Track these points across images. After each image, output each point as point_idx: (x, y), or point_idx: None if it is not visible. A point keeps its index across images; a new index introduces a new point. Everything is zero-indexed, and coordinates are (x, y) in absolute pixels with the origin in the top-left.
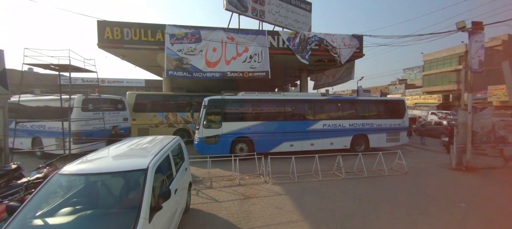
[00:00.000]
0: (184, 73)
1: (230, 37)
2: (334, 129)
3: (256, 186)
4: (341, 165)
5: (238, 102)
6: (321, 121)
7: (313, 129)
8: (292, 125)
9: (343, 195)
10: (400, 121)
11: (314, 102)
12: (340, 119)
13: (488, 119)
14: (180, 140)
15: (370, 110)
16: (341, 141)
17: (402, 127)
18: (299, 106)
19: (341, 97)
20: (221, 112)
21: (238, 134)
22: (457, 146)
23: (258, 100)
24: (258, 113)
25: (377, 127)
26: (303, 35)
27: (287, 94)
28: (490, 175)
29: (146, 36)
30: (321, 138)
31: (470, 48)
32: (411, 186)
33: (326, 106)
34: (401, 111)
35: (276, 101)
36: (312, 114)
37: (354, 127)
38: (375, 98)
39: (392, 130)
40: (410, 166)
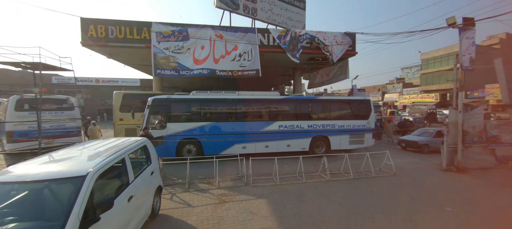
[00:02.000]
0: (171, 72)
1: (218, 35)
2: (291, 130)
3: (236, 189)
4: (326, 166)
5: (185, 102)
6: (277, 122)
7: (268, 130)
8: (245, 125)
9: (324, 199)
10: (364, 122)
11: (270, 102)
12: (298, 120)
13: (479, 118)
14: (146, 142)
15: (332, 111)
16: (299, 143)
17: (366, 129)
18: (253, 106)
19: (300, 97)
20: (167, 112)
21: (185, 135)
22: (448, 146)
23: (208, 99)
24: (208, 113)
25: (339, 128)
26: (294, 33)
27: (242, 93)
28: (481, 176)
29: (132, 34)
30: (277, 139)
31: (460, 45)
32: (397, 188)
33: (283, 106)
34: (366, 111)
35: (227, 101)
36: (267, 114)
37: (314, 128)
38: (338, 98)
39: (356, 131)
40: (399, 166)
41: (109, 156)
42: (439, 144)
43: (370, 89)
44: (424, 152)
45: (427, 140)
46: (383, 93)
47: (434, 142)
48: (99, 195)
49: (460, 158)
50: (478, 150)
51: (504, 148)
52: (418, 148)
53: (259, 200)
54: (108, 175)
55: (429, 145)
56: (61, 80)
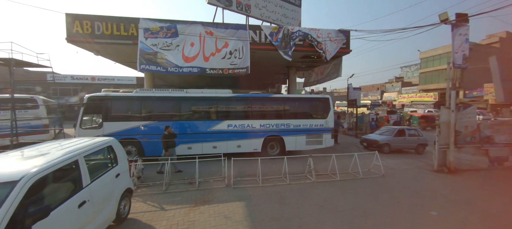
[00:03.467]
0: (158, 68)
1: (208, 31)
2: (241, 130)
3: (216, 191)
4: (311, 167)
5: (125, 100)
6: (226, 121)
7: (216, 130)
8: (190, 125)
9: (306, 202)
10: (322, 121)
11: (218, 101)
12: (249, 119)
13: (472, 117)
14: (112, 143)
15: (287, 110)
16: (250, 143)
17: (325, 128)
18: (199, 105)
19: (252, 95)
20: (104, 111)
21: (123, 135)
22: (439, 147)
23: (150, 98)
24: (150, 112)
25: (295, 128)
26: (287, 30)
27: (190, 91)
28: (473, 177)
29: (119, 30)
30: (226, 139)
31: (453, 41)
32: (383, 190)
33: (233, 104)
34: (325, 110)
35: (172, 99)
36: (215, 113)
37: (267, 128)
38: (294, 96)
39: (313, 131)
40: (390, 167)
41: (57, 158)
42: (401, 143)
43: (369, 88)
44: (384, 152)
45: (388, 139)
46: (382, 92)
47: (395, 141)
48: (39, 201)
49: (452, 159)
50: (471, 151)
51: (498, 148)
52: (378, 148)
53: (237, 203)
54: (54, 179)
55: (389, 145)
56: (57, 78)
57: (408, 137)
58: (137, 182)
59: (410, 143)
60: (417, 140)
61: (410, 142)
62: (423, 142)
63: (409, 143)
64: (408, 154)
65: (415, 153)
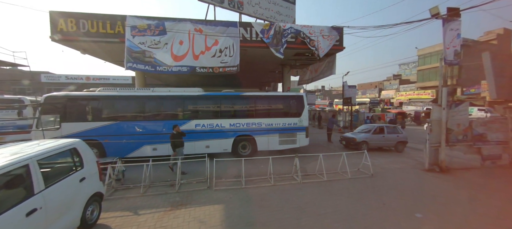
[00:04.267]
0: (146, 66)
1: (198, 29)
2: (210, 130)
3: (197, 193)
4: (297, 167)
5: (84, 100)
6: (194, 121)
7: (183, 130)
8: (155, 125)
9: (287, 204)
10: (296, 120)
11: (186, 99)
12: (218, 118)
13: (464, 115)
14: (77, 145)
15: (259, 108)
16: (220, 143)
17: (299, 127)
18: (165, 104)
19: (221, 93)
20: (62, 111)
21: (83, 136)
22: (430, 145)
23: (112, 97)
24: (112, 112)
25: (267, 127)
26: (278, 27)
27: (156, 90)
28: (464, 176)
29: (105, 28)
30: (194, 140)
31: (444, 37)
32: (370, 191)
33: (200, 103)
34: (298, 109)
35: (136, 98)
36: (181, 113)
37: (237, 128)
38: (266, 94)
39: (287, 130)
40: (380, 166)
41: (2, 163)
42: (380, 141)
43: (367, 86)
44: (362, 150)
45: (365, 137)
46: (379, 90)
47: (373, 139)
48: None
49: (443, 158)
50: (463, 149)
51: (491, 146)
52: (356, 146)
53: (215, 206)
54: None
55: (368, 143)
56: (50, 78)
57: (387, 135)
58: (115, 185)
59: (389, 141)
60: (397, 138)
61: (389, 139)
62: (403, 140)
63: (388, 141)
64: (402, 152)
65: (394, 151)
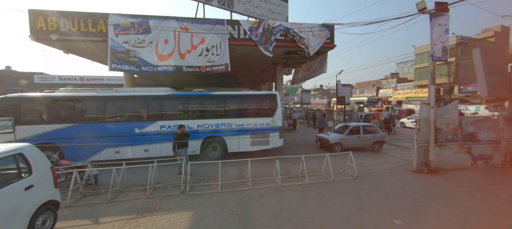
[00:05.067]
0: (131, 67)
1: (183, 27)
2: (177, 131)
3: (168, 198)
4: (277, 170)
5: (40, 101)
6: (159, 122)
7: (148, 132)
8: (117, 127)
9: (261, 210)
10: (269, 120)
11: (151, 100)
12: (185, 119)
13: (454, 113)
14: (24, 149)
15: (229, 108)
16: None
17: (272, 127)
18: (128, 105)
19: (188, 93)
20: (16, 114)
21: (40, 140)
22: (419, 145)
23: (71, 98)
24: (71, 114)
25: (238, 127)
26: (267, 25)
27: (120, 90)
28: (454, 178)
29: (86, 26)
30: (159, 142)
31: (431, 32)
32: (351, 195)
33: (167, 104)
34: (271, 108)
35: (97, 99)
36: (146, 113)
37: (206, 129)
38: (236, 93)
39: (259, 131)
40: (367, 167)
41: None
42: (355, 141)
43: (364, 85)
44: (336, 151)
45: (339, 138)
46: (377, 89)
47: (348, 140)
48: None
49: (431, 158)
50: (453, 149)
51: (481, 146)
52: (329, 147)
53: (183, 213)
54: None
55: (341, 144)
56: (44, 79)
57: (363, 135)
58: (84, 190)
59: (364, 141)
60: (373, 138)
61: (365, 139)
62: (380, 139)
63: (364, 141)
64: (393, 152)
65: (371, 151)
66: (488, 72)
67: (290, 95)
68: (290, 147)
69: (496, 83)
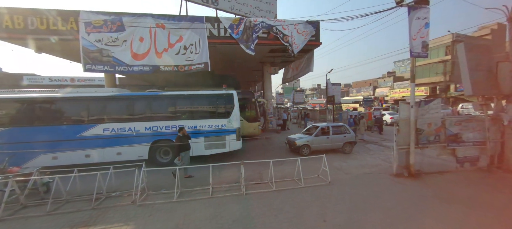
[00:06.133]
0: (105, 67)
1: (160, 24)
2: (122, 135)
3: (115, 209)
4: (242, 176)
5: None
6: (101, 125)
7: (89, 136)
8: (54, 130)
9: (210, 224)
10: (224, 121)
11: (92, 101)
12: (131, 121)
13: (436, 113)
14: None
15: (180, 109)
16: (134, 149)
17: (228, 129)
18: (68, 107)
19: (135, 94)
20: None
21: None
22: (398, 147)
23: (1, 100)
24: (2, 117)
25: (190, 130)
26: (249, 22)
27: (61, 91)
28: (435, 182)
29: (56, 24)
30: (102, 146)
31: (410, 26)
32: (318, 204)
33: (110, 105)
34: (228, 109)
35: (30, 101)
36: (87, 116)
37: (154, 131)
38: (188, 93)
39: (214, 133)
40: (346, 171)
41: None
42: (324, 143)
43: (361, 84)
44: (303, 155)
45: (307, 140)
46: (374, 88)
47: (316, 142)
48: None
49: (412, 162)
50: (436, 151)
51: (466, 148)
52: (296, 150)
53: (123, 227)
54: None
55: (310, 146)
56: (33, 81)
57: (332, 136)
58: (24, 201)
59: (334, 142)
60: (344, 138)
61: (335, 141)
62: (351, 140)
63: (334, 142)
64: (380, 153)
65: (341, 153)
66: (473, 68)
67: (288, 95)
68: (273, 149)
69: (481, 81)
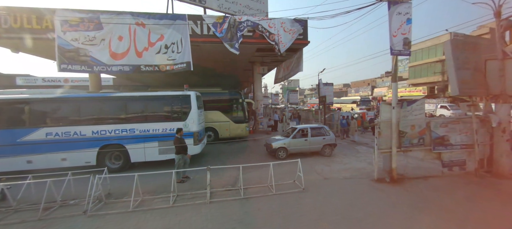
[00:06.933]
0: (82, 67)
1: (140, 22)
2: (66, 139)
3: (64, 220)
4: (207, 183)
5: None
6: (44, 128)
7: (31, 140)
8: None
9: None
10: (180, 124)
11: (33, 103)
12: (77, 125)
13: (419, 114)
14: None
15: (131, 111)
16: (80, 155)
17: (184, 133)
18: (5, 109)
19: (81, 95)
20: None
21: None
22: (379, 151)
23: None
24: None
25: (142, 134)
26: (233, 20)
27: (3, 92)
28: (416, 188)
29: (30, 23)
30: (45, 151)
31: (390, 22)
32: (284, 215)
33: (55, 108)
34: (184, 111)
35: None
36: (28, 119)
37: (103, 136)
38: (141, 94)
39: (168, 137)
40: (325, 175)
41: None
42: (301, 145)
43: (360, 84)
44: (280, 158)
45: (284, 142)
46: (372, 88)
47: (293, 144)
48: None
49: (394, 166)
50: (420, 154)
51: (453, 151)
52: (273, 153)
53: None
54: None
55: (286, 149)
56: (26, 81)
57: (311, 138)
58: None
59: (313, 145)
60: (323, 140)
61: (314, 143)
62: (330, 142)
63: (312, 145)
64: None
65: (320, 155)
66: (460, 67)
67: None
68: (259, 152)
69: (468, 80)
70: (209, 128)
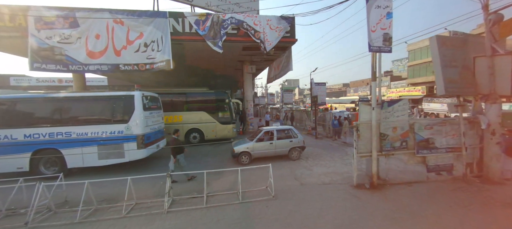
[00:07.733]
0: (58, 66)
1: (118, 20)
2: None
3: None
4: (166, 191)
5: None
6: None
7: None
8: None
9: None
10: (122, 127)
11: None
12: (6, 128)
13: (402, 115)
14: None
15: (67, 113)
16: (11, 161)
17: (126, 136)
18: None
19: (11, 96)
20: None
21: None
22: (358, 155)
23: None
24: None
25: (80, 137)
26: (217, 17)
27: None
28: (397, 195)
29: (2, 20)
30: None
31: (368, 16)
32: (244, 226)
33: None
34: (126, 113)
35: None
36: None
37: (35, 139)
38: (78, 95)
39: (109, 141)
40: (302, 180)
41: None
42: (266, 149)
43: (359, 84)
44: (243, 164)
45: (247, 147)
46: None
47: (257, 148)
48: None
49: (374, 171)
50: (404, 158)
51: (439, 155)
52: (236, 158)
53: None
54: None
55: (250, 153)
56: (21, 82)
57: (276, 141)
58: None
59: (279, 148)
60: (290, 143)
61: (280, 146)
62: (298, 145)
63: (278, 148)
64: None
65: (288, 159)
66: (447, 65)
67: None
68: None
69: (456, 79)
70: (194, 129)
